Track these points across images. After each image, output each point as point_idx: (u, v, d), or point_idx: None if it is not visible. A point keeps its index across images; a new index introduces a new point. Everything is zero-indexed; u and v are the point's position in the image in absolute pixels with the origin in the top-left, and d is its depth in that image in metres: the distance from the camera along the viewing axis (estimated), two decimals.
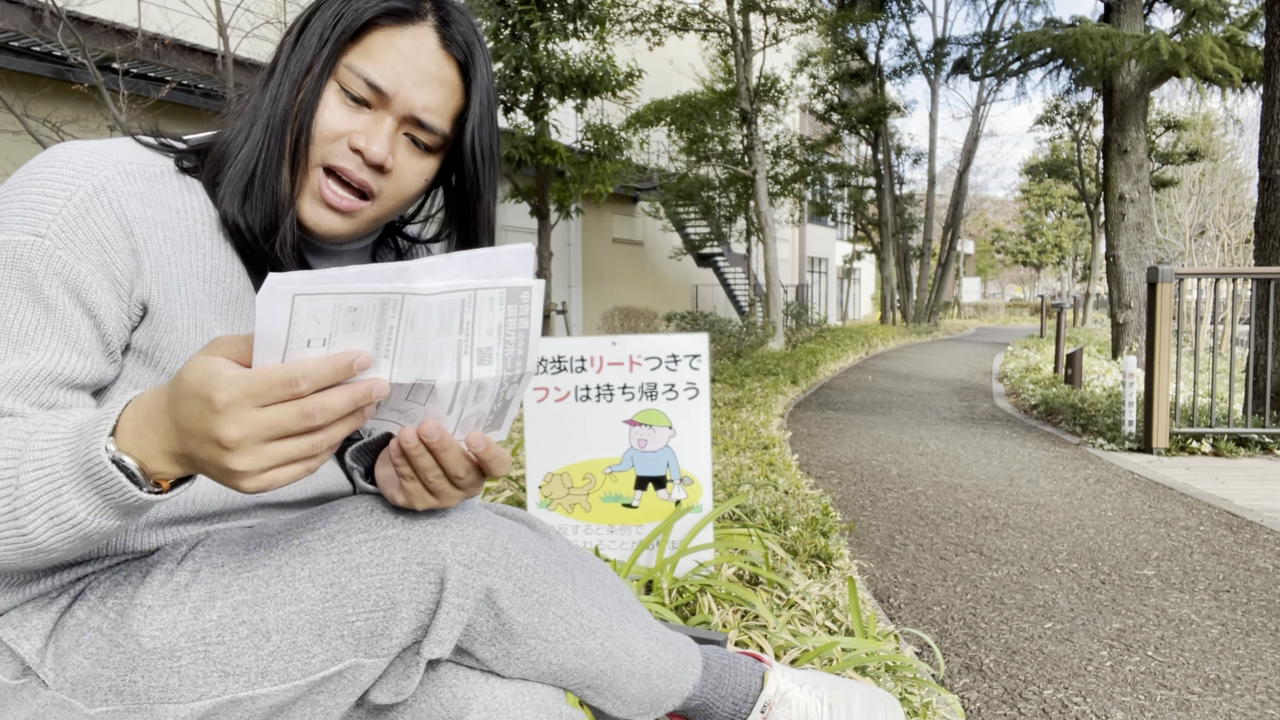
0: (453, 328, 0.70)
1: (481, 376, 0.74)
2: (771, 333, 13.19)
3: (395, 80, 0.89)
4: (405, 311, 0.67)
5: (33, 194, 0.79)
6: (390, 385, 0.70)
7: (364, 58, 0.89)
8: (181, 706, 0.78)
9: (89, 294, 0.80)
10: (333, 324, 0.65)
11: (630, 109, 13.90)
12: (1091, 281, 27.30)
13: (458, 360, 0.72)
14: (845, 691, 1.11)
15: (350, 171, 0.89)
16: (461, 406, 0.76)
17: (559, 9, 8.83)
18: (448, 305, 0.69)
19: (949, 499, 4.00)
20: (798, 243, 28.74)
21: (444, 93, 0.92)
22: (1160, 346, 5.13)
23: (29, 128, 4.58)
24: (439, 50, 0.91)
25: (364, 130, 0.89)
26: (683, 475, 2.24)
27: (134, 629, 0.78)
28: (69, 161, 0.82)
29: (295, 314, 0.62)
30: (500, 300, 0.72)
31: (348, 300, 0.64)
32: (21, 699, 0.81)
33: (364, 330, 0.66)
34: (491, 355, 0.74)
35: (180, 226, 0.87)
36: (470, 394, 0.75)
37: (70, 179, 0.80)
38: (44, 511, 0.67)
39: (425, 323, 0.69)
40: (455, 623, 0.82)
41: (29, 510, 0.67)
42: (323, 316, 0.64)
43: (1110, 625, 2.42)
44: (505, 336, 0.74)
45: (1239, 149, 23.33)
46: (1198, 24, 9.86)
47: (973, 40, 16.70)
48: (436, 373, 0.72)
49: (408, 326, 0.68)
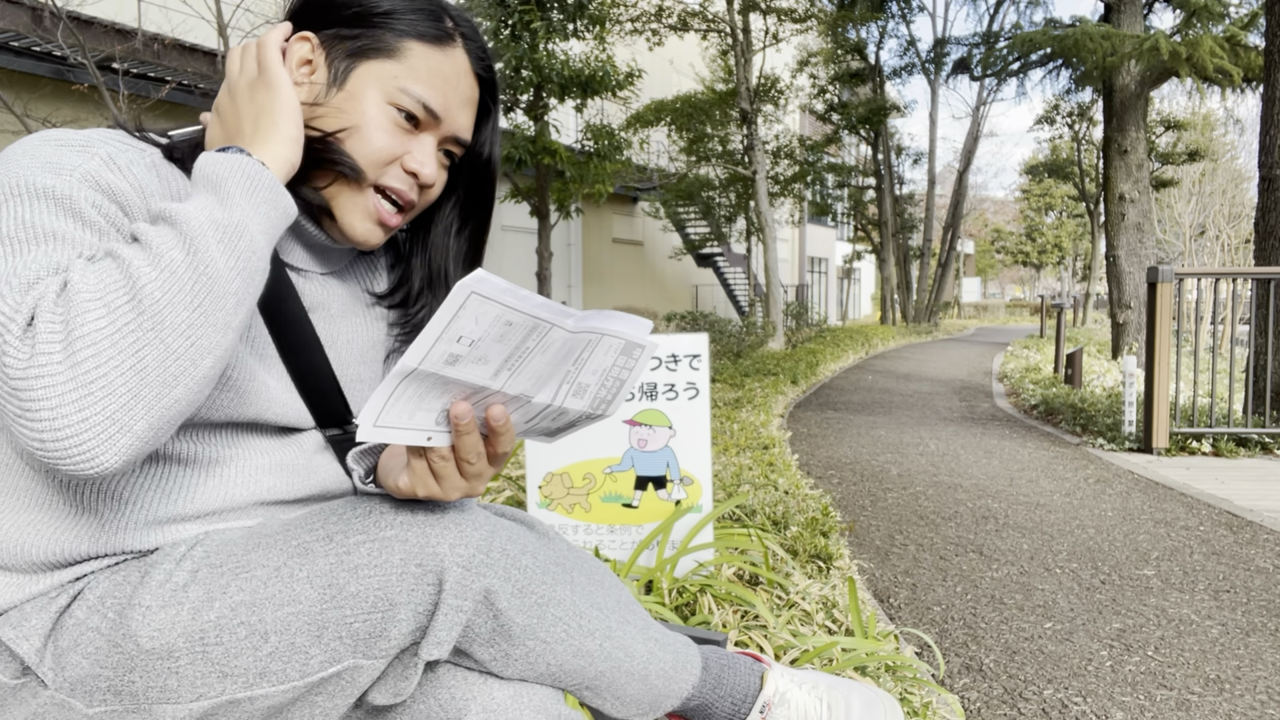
0: (569, 360, 0.77)
1: (570, 406, 0.82)
2: (771, 333, 13.19)
3: (445, 105, 0.94)
4: (546, 339, 0.74)
5: (47, 153, 0.79)
6: (495, 389, 0.76)
7: (414, 79, 0.92)
8: (180, 707, 0.78)
9: (124, 228, 0.80)
10: (487, 330, 0.70)
11: (630, 109, 13.90)
12: (1091, 281, 27.30)
13: (559, 386, 0.80)
14: (845, 692, 1.11)
15: (403, 193, 0.94)
16: (534, 419, 0.84)
17: (559, 9, 8.83)
18: (577, 341, 0.76)
19: (949, 499, 3.99)
20: (798, 243, 28.74)
21: (475, 110, 0.99)
22: (1160, 346, 5.13)
23: (29, 128, 4.58)
24: (470, 74, 0.97)
25: (415, 153, 0.93)
26: (683, 475, 2.24)
27: (132, 629, 0.78)
28: (74, 135, 0.83)
29: (464, 309, 0.67)
30: (615, 350, 0.80)
31: (511, 315, 0.70)
32: (21, 698, 0.81)
33: (506, 343, 0.72)
34: (586, 392, 0.82)
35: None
36: (550, 415, 0.83)
37: (82, 145, 0.81)
38: (212, 236, 0.73)
39: (554, 351, 0.75)
40: (453, 624, 0.82)
41: (202, 239, 0.72)
42: (484, 320, 0.69)
43: (1110, 625, 2.42)
44: (605, 380, 0.82)
45: (1239, 149, 23.35)
46: (1198, 24, 9.86)
47: (973, 40, 16.70)
48: (537, 392, 0.79)
49: (540, 351, 0.75)
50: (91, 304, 0.67)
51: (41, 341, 0.66)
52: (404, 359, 0.69)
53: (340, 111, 0.90)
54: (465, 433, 0.78)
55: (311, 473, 0.97)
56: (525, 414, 0.82)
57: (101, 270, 0.69)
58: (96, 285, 0.68)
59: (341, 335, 1.02)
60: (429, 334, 0.68)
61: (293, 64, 0.92)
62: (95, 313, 0.67)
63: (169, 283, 0.70)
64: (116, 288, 0.68)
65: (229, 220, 0.75)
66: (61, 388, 0.65)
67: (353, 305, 1.04)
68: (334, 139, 0.90)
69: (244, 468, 0.92)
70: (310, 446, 0.98)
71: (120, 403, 0.67)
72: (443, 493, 0.82)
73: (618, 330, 0.78)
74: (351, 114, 0.90)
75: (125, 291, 0.68)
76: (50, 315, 0.67)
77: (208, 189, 0.77)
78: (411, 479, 0.82)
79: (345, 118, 0.90)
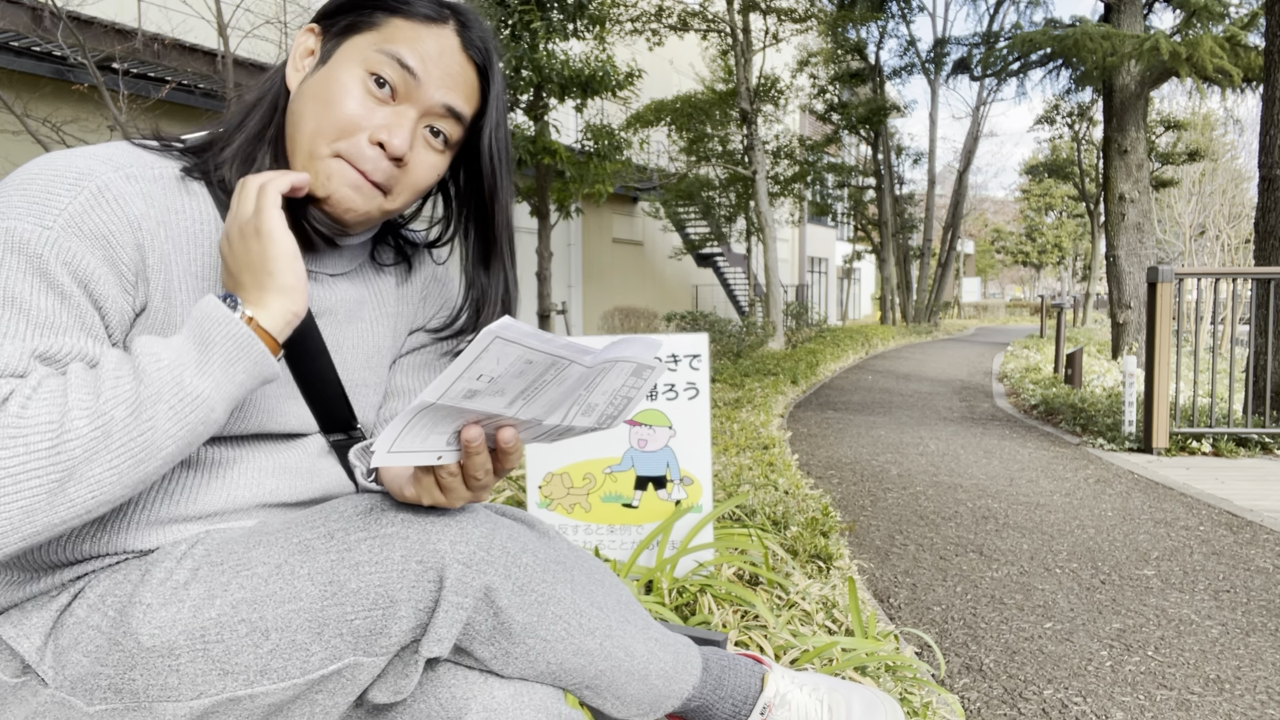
0: (581, 385, 0.80)
1: (576, 423, 0.85)
2: (771, 333, 13.19)
3: (423, 69, 0.90)
4: (564, 374, 0.76)
5: (35, 190, 0.78)
6: (508, 416, 0.78)
7: (392, 41, 0.90)
8: (180, 704, 0.78)
9: (96, 286, 0.79)
10: (507, 369, 0.72)
11: (630, 109, 13.89)
12: (1091, 281, 27.28)
13: (569, 408, 0.82)
14: (845, 694, 1.11)
15: (369, 171, 0.90)
16: (540, 434, 0.86)
17: (559, 9, 8.82)
18: (592, 372, 0.78)
19: (949, 499, 3.99)
20: (798, 243, 28.73)
21: (467, 91, 0.94)
22: (1160, 346, 5.13)
23: (29, 128, 4.58)
24: (461, 52, 0.93)
25: (385, 124, 0.90)
26: (683, 475, 2.24)
27: (133, 627, 0.78)
28: (70, 165, 0.81)
29: (486, 352, 0.69)
30: (626, 372, 0.82)
31: (532, 355, 0.72)
32: (21, 697, 0.81)
33: (524, 378, 0.74)
34: (594, 410, 0.85)
35: (181, 226, 0.87)
36: (555, 431, 0.85)
37: (75, 179, 0.80)
38: (166, 401, 0.75)
39: (570, 383, 0.78)
40: (454, 621, 0.82)
41: (153, 403, 0.74)
42: (504, 360, 0.71)
43: (1110, 625, 2.42)
44: (613, 399, 0.85)
45: (1239, 149, 23.34)
46: (1198, 24, 9.86)
47: (973, 40, 16.69)
48: (548, 415, 0.81)
49: (556, 383, 0.77)
50: (12, 440, 0.69)
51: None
52: (423, 394, 0.70)
53: (315, 85, 0.90)
54: (475, 454, 0.79)
55: (315, 476, 0.97)
56: (533, 431, 0.84)
57: (39, 405, 0.71)
58: (26, 421, 0.70)
59: (347, 341, 1.01)
60: (450, 374, 0.69)
61: (298, 57, 0.94)
62: (12, 449, 0.69)
63: (97, 442, 0.72)
64: (44, 430, 0.70)
65: (194, 389, 0.76)
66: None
67: (358, 310, 1.03)
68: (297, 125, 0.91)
69: (247, 470, 0.92)
70: (314, 450, 0.98)
71: (5, 523, 0.70)
72: (448, 502, 0.83)
73: (630, 355, 0.79)
74: (324, 84, 0.90)
75: (50, 437, 0.70)
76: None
77: (193, 343, 0.77)
78: (418, 490, 0.83)
79: (318, 89, 0.90)
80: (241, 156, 0.91)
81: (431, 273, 1.14)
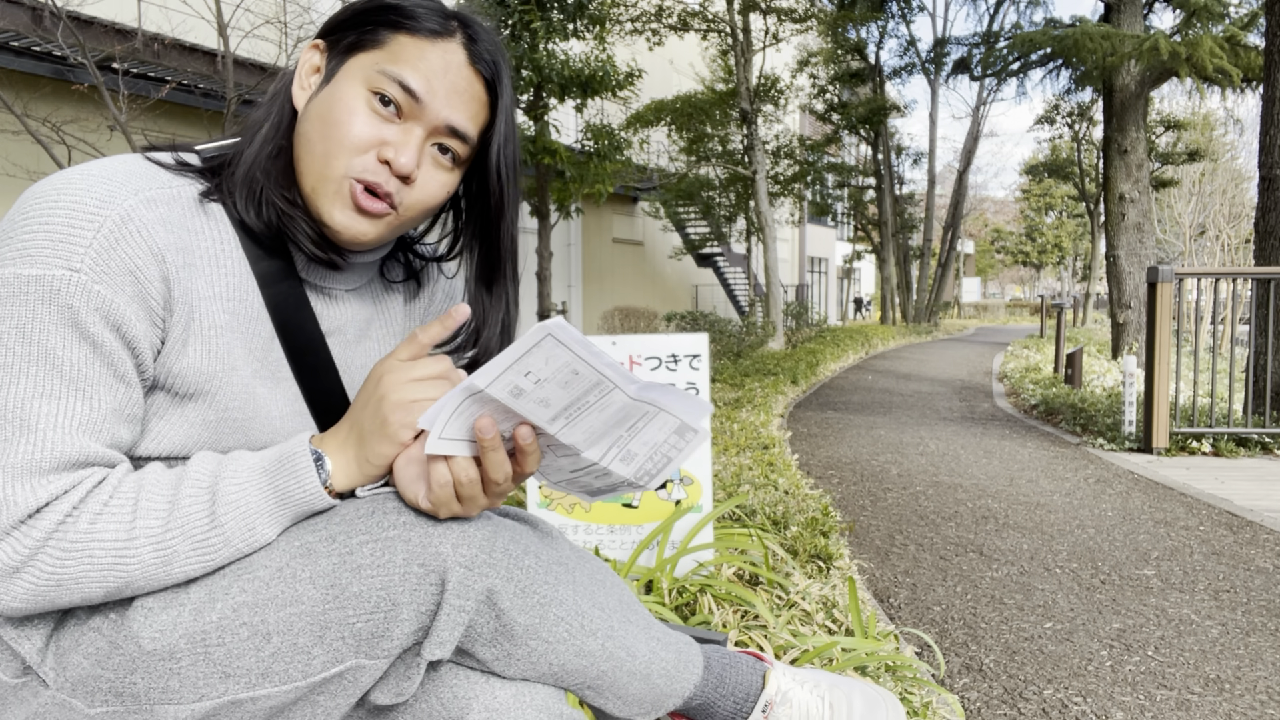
0: (623, 425, 0.81)
1: (614, 469, 0.85)
2: (771, 333, 13.19)
3: (427, 88, 0.89)
4: (606, 398, 0.77)
5: (57, 223, 0.77)
6: (550, 434, 0.80)
7: (395, 62, 0.89)
8: (182, 708, 0.79)
9: (128, 328, 0.79)
10: (554, 373, 0.73)
11: (630, 109, 13.90)
12: (1091, 281, 27.29)
13: (609, 448, 0.83)
14: (846, 690, 1.11)
15: (380, 185, 0.89)
16: (579, 471, 0.87)
17: (559, 9, 8.82)
18: (635, 409, 0.79)
19: (949, 499, 4.00)
20: (798, 243, 28.73)
21: (474, 107, 0.93)
22: (1160, 346, 5.13)
23: (29, 128, 4.58)
24: (468, 67, 0.92)
25: (393, 142, 0.89)
26: (683, 475, 2.24)
27: (134, 630, 0.78)
28: (89, 190, 0.79)
29: (538, 347, 0.70)
30: (670, 428, 0.83)
31: (579, 365, 0.73)
32: (22, 698, 0.81)
33: (569, 391, 0.75)
34: (633, 460, 0.85)
35: (201, 248, 0.86)
36: (595, 473, 0.86)
37: (95, 208, 0.78)
38: (233, 545, 0.81)
39: (611, 412, 0.79)
40: (456, 624, 0.82)
41: (220, 547, 0.81)
42: (553, 362, 0.72)
43: (1110, 625, 2.42)
44: (653, 454, 0.85)
45: (1239, 149, 23.35)
46: (1198, 24, 9.86)
47: (973, 40, 16.70)
48: (587, 447, 0.82)
49: (598, 409, 0.78)
50: (78, 553, 0.76)
51: (32, 567, 0.75)
52: (473, 378, 0.72)
53: (321, 106, 0.90)
54: (491, 449, 0.80)
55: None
56: (573, 464, 0.85)
57: (108, 521, 0.77)
58: (94, 537, 0.76)
59: (356, 360, 1.02)
60: (500, 361, 0.71)
61: (304, 75, 0.94)
62: (77, 560, 0.76)
63: (156, 569, 0.79)
64: (109, 547, 0.77)
65: (262, 537, 0.82)
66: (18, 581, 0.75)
67: (367, 329, 1.03)
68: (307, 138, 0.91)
69: None
70: None
71: (27, 605, 0.77)
72: (465, 512, 0.84)
73: (675, 409, 0.81)
74: (330, 104, 0.89)
75: (113, 554, 0.77)
76: (49, 557, 0.75)
77: (272, 498, 0.83)
78: (434, 502, 0.83)
79: (324, 110, 0.90)
80: (249, 183, 0.90)
81: (441, 289, 1.14)
